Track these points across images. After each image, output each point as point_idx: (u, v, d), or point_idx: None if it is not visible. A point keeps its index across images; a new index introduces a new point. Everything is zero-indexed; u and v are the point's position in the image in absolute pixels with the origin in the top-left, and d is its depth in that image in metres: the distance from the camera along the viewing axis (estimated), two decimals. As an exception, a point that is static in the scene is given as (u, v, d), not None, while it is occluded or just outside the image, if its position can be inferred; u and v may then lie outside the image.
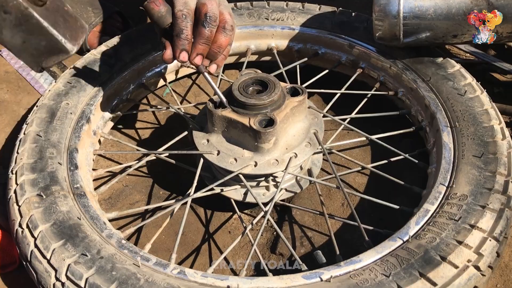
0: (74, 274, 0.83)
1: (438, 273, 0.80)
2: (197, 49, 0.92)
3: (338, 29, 1.28)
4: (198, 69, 0.97)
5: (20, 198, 0.95)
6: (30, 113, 1.11)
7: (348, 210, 1.09)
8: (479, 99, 1.07)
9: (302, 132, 1.04)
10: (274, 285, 0.81)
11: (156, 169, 1.19)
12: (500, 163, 0.95)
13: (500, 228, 0.87)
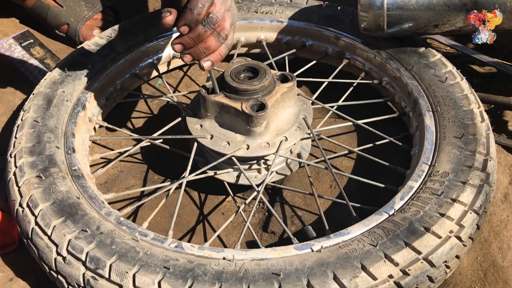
0: (75, 249, 0.86)
1: (422, 243, 0.85)
2: (183, 38, 0.92)
3: (325, 21, 1.33)
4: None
5: (19, 180, 0.98)
6: (26, 102, 1.14)
7: (336, 191, 1.14)
8: (459, 85, 1.12)
9: (292, 117, 1.08)
10: (268, 256, 0.85)
11: (150, 155, 1.22)
12: (479, 143, 1.00)
13: (480, 202, 0.93)
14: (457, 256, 0.89)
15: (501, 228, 1.07)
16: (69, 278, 0.86)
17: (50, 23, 1.47)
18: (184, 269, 0.83)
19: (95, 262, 0.84)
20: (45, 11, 1.46)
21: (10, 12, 1.56)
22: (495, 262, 1.02)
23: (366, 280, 0.81)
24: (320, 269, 0.82)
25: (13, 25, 1.53)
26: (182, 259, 0.85)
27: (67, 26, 1.46)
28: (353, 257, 0.83)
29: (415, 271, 0.83)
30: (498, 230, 1.06)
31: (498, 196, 1.12)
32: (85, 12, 1.45)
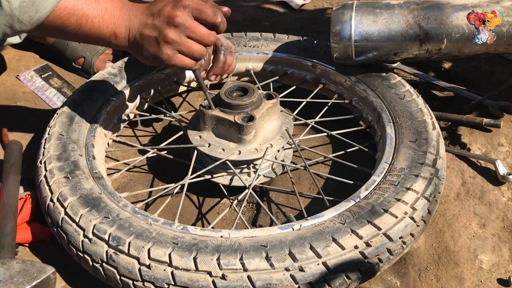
0: (99, 231, 1.05)
1: (382, 221, 1.05)
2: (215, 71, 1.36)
3: (303, 53, 1.56)
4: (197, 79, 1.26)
5: (50, 180, 1.17)
6: (51, 120, 1.34)
7: (314, 191, 1.34)
8: (415, 101, 1.34)
9: (276, 128, 1.30)
10: (257, 234, 1.05)
11: (155, 166, 1.42)
12: (430, 145, 1.21)
13: (430, 191, 1.13)
14: (412, 234, 1.08)
15: (453, 221, 1.27)
16: (94, 255, 1.05)
17: (68, 56, 1.69)
18: (189, 244, 1.02)
19: (116, 240, 1.03)
20: (64, 47, 1.68)
21: (32, 49, 1.79)
22: (447, 248, 1.22)
23: (336, 249, 1.00)
24: (299, 242, 1.01)
25: (34, 60, 1.75)
26: (187, 237, 1.04)
27: (83, 59, 1.69)
28: (326, 232, 1.03)
29: (376, 243, 1.03)
30: (451, 222, 1.27)
31: (452, 195, 1.32)
32: (99, 47, 1.68)
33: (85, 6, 1.06)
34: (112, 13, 1.09)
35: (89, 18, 1.07)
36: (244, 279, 0.97)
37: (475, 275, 1.16)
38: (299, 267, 0.98)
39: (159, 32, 1.08)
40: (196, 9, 1.08)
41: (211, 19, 1.09)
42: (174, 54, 1.09)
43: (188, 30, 1.08)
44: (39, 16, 1.01)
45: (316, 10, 2.14)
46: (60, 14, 1.04)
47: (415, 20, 1.36)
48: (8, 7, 0.97)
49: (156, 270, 0.99)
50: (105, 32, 1.09)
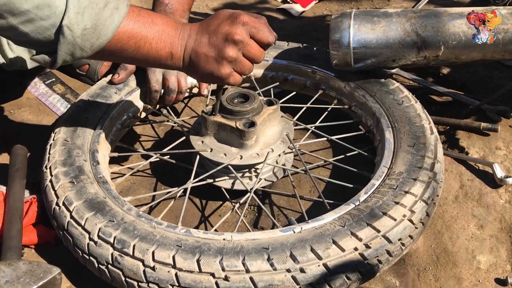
0: (104, 234, 1.08)
1: (381, 223, 1.08)
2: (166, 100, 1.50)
3: (303, 59, 1.59)
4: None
5: (55, 185, 1.20)
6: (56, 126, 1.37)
7: (315, 195, 1.36)
8: (413, 106, 1.37)
9: (277, 133, 1.32)
10: (259, 237, 1.07)
11: (158, 170, 1.45)
12: (428, 149, 1.24)
13: (428, 194, 1.15)
14: (410, 236, 1.11)
15: (452, 222, 1.29)
16: (100, 257, 1.07)
17: (73, 63, 1.72)
18: (192, 246, 1.04)
19: (121, 243, 1.06)
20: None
21: (35, 56, 1.81)
22: (446, 249, 1.24)
23: (337, 251, 1.03)
24: (300, 244, 1.04)
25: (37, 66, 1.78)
26: (191, 240, 1.06)
27: (88, 66, 1.71)
28: (326, 235, 1.05)
29: (375, 245, 1.05)
30: (449, 224, 1.29)
31: (450, 197, 1.35)
32: (102, 56, 1.71)
33: (144, 29, 1.05)
34: (168, 33, 1.08)
35: (147, 40, 1.06)
36: (247, 280, 0.99)
37: (473, 275, 1.19)
38: (300, 268, 1.00)
39: (218, 50, 1.06)
40: (254, 27, 1.07)
41: (266, 39, 1.09)
42: (231, 72, 1.09)
43: (245, 48, 1.07)
44: (100, 43, 1.01)
45: (315, 17, 2.18)
46: (119, 38, 1.03)
47: (412, 28, 1.39)
48: (71, 35, 0.97)
49: (160, 272, 1.02)
50: (162, 53, 1.08)
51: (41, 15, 0.95)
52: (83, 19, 0.97)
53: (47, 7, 0.94)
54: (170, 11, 1.46)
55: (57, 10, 0.95)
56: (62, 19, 0.96)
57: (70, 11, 0.96)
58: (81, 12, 0.97)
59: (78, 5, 0.96)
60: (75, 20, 0.96)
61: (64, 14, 0.95)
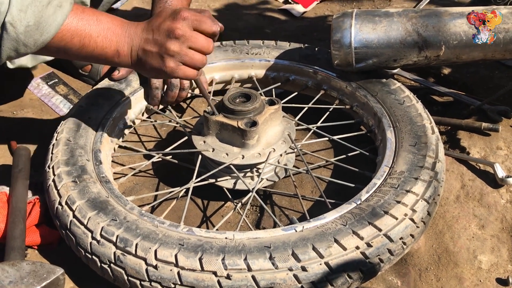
0: (107, 233, 1.08)
1: (382, 222, 1.08)
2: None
3: (305, 60, 1.60)
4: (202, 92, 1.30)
5: (58, 184, 1.20)
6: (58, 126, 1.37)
7: (317, 195, 1.37)
8: (414, 106, 1.38)
9: (278, 133, 1.33)
10: (261, 236, 1.07)
11: (161, 170, 1.45)
12: (430, 149, 1.24)
13: (429, 193, 1.16)
14: (412, 235, 1.11)
15: (453, 222, 1.30)
16: (102, 256, 1.07)
17: (75, 63, 1.73)
18: (195, 245, 1.05)
19: (124, 242, 1.06)
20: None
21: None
22: (447, 249, 1.25)
23: (338, 250, 1.03)
24: (302, 243, 1.04)
25: (40, 67, 1.78)
26: (193, 239, 1.07)
27: (90, 67, 1.72)
28: (328, 234, 1.06)
29: (377, 244, 1.05)
30: (451, 224, 1.29)
31: (451, 197, 1.35)
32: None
33: (88, 26, 1.08)
34: (114, 31, 1.11)
35: (92, 38, 1.09)
36: (249, 279, 1.00)
37: (474, 275, 1.19)
38: (302, 267, 1.01)
39: (160, 46, 1.10)
40: (195, 20, 1.10)
41: (210, 29, 1.12)
42: (177, 66, 1.12)
43: (189, 41, 1.10)
44: (43, 39, 1.04)
45: (317, 18, 2.18)
46: (63, 36, 1.06)
47: (413, 28, 1.39)
48: (14, 31, 1.00)
49: (162, 271, 1.02)
50: (108, 51, 1.11)
51: None
52: (26, 16, 1.00)
53: None
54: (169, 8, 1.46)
55: (1, 7, 0.98)
56: (5, 16, 0.98)
57: (13, 8, 0.98)
58: (24, 9, 0.99)
59: (21, 2, 0.99)
60: (18, 17, 0.99)
61: (7, 11, 0.98)
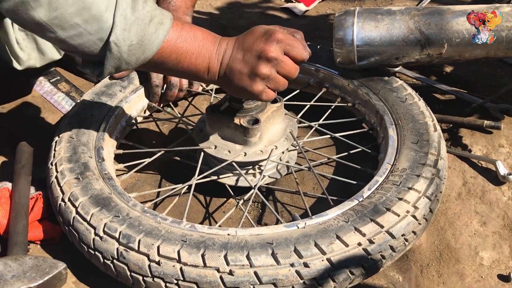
0: (110, 229, 1.09)
1: (384, 219, 1.08)
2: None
3: (307, 57, 1.60)
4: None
5: (61, 181, 1.20)
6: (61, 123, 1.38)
7: (318, 191, 1.37)
8: (416, 104, 1.38)
9: (280, 131, 1.33)
10: (263, 232, 1.08)
11: (163, 167, 1.46)
12: (432, 146, 1.24)
13: (431, 190, 1.16)
14: (414, 232, 1.11)
15: (455, 219, 1.30)
16: (105, 252, 1.08)
17: (78, 60, 1.73)
18: (197, 241, 1.05)
19: (126, 238, 1.06)
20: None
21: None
22: (449, 245, 1.25)
23: (340, 246, 1.03)
24: (304, 239, 1.04)
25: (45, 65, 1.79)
26: (195, 235, 1.07)
27: (92, 64, 1.72)
28: (330, 230, 1.06)
29: (379, 240, 1.06)
30: (452, 221, 1.30)
31: (453, 194, 1.35)
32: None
33: (185, 44, 1.07)
34: (208, 48, 1.09)
35: (187, 55, 1.08)
36: (251, 275, 1.00)
37: (476, 271, 1.19)
38: (304, 263, 1.01)
39: (251, 67, 1.08)
40: (288, 44, 1.08)
41: (301, 56, 1.10)
42: (264, 89, 1.10)
43: (279, 65, 1.08)
44: (145, 57, 1.04)
45: (319, 16, 2.18)
46: (162, 53, 1.05)
47: (416, 26, 1.40)
48: (118, 51, 0.99)
49: (165, 266, 1.03)
50: (200, 68, 1.10)
51: (90, 29, 0.97)
52: (130, 36, 0.99)
53: (95, 22, 0.96)
54: (173, 8, 1.47)
55: (105, 25, 0.97)
56: (110, 35, 0.98)
57: (117, 28, 0.98)
58: (128, 28, 0.99)
59: (125, 21, 0.98)
60: (122, 36, 0.98)
61: (111, 30, 0.98)
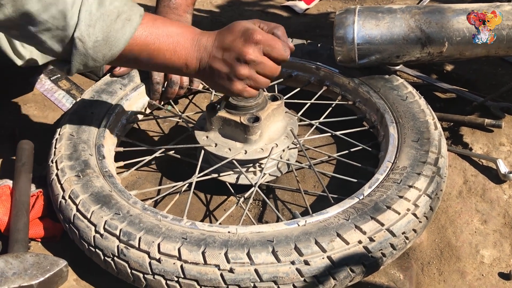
0: (110, 226, 1.09)
1: (385, 217, 1.08)
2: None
3: (307, 56, 1.60)
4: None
5: (61, 178, 1.20)
6: (61, 121, 1.38)
7: (319, 189, 1.37)
8: (417, 102, 1.38)
9: (281, 129, 1.33)
10: (263, 230, 1.08)
11: (163, 165, 1.46)
12: (432, 144, 1.24)
13: (432, 188, 1.16)
14: (414, 230, 1.11)
15: (455, 217, 1.30)
16: (106, 250, 1.08)
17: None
18: (198, 239, 1.05)
19: (127, 235, 1.06)
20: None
21: (41, 52, 1.82)
22: (450, 243, 1.25)
23: (341, 244, 1.03)
24: (305, 237, 1.04)
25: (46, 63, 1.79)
26: (196, 233, 1.07)
27: (93, 62, 1.72)
28: (331, 228, 1.06)
29: (379, 238, 1.06)
30: (453, 219, 1.30)
31: (454, 193, 1.35)
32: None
33: (157, 41, 1.07)
34: (184, 45, 1.09)
35: (160, 52, 1.08)
36: (251, 272, 1.00)
37: (476, 269, 1.19)
38: (305, 260, 1.01)
39: (230, 67, 1.09)
40: (268, 45, 1.08)
41: (281, 56, 1.11)
42: (244, 88, 1.12)
43: (258, 66, 1.09)
44: (112, 54, 1.04)
45: (319, 14, 2.18)
46: (132, 49, 1.06)
47: (416, 24, 1.39)
48: (82, 47, 1.00)
49: (166, 264, 1.02)
50: (176, 63, 1.11)
51: (57, 24, 0.98)
52: (95, 31, 1.00)
53: (62, 18, 0.97)
54: (173, 6, 1.47)
55: (71, 21, 0.98)
56: (74, 31, 0.98)
57: (81, 23, 0.98)
58: (93, 24, 0.99)
59: (89, 17, 0.99)
60: (87, 32, 0.99)
61: (76, 26, 0.98)
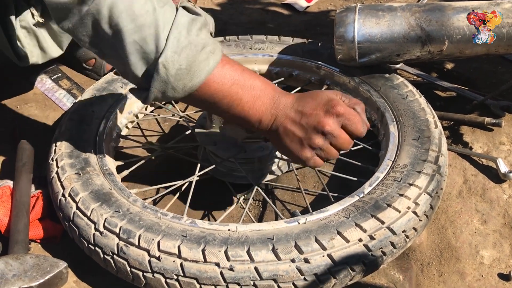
0: (110, 224, 1.08)
1: (385, 215, 1.08)
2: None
3: (308, 55, 1.60)
4: None
5: (61, 176, 1.20)
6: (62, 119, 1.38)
7: (319, 188, 1.37)
8: (417, 101, 1.37)
9: (281, 127, 1.33)
10: (263, 228, 1.08)
11: (163, 163, 1.46)
12: (433, 143, 1.24)
13: (432, 187, 1.16)
14: (414, 228, 1.11)
15: (455, 217, 1.30)
16: (105, 248, 1.08)
17: (79, 57, 1.73)
18: (198, 236, 1.05)
19: (127, 233, 1.06)
20: (77, 47, 1.71)
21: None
22: (449, 244, 1.25)
23: (341, 242, 1.03)
24: (305, 235, 1.04)
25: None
26: (196, 230, 1.07)
27: (94, 60, 1.72)
28: (331, 226, 1.06)
29: (380, 236, 1.05)
30: (453, 219, 1.29)
31: (454, 192, 1.35)
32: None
33: (241, 91, 1.04)
34: (263, 101, 1.06)
35: (240, 103, 1.05)
36: (251, 270, 1.00)
37: (476, 270, 1.19)
38: (305, 259, 1.01)
39: (305, 134, 1.06)
40: (347, 119, 1.05)
41: (357, 132, 1.07)
42: (313, 157, 1.08)
43: (334, 138, 1.06)
44: (192, 84, 1.01)
45: (320, 12, 2.18)
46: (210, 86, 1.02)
47: (417, 22, 1.39)
48: (165, 73, 0.98)
49: (165, 262, 1.02)
50: (252, 118, 1.08)
51: (145, 48, 0.97)
52: (179, 59, 0.97)
53: (152, 41, 0.96)
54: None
55: (159, 46, 0.97)
56: (160, 57, 0.97)
57: (168, 50, 0.96)
58: (179, 52, 0.97)
59: (177, 44, 0.97)
60: (171, 59, 0.97)
61: (162, 51, 0.97)
